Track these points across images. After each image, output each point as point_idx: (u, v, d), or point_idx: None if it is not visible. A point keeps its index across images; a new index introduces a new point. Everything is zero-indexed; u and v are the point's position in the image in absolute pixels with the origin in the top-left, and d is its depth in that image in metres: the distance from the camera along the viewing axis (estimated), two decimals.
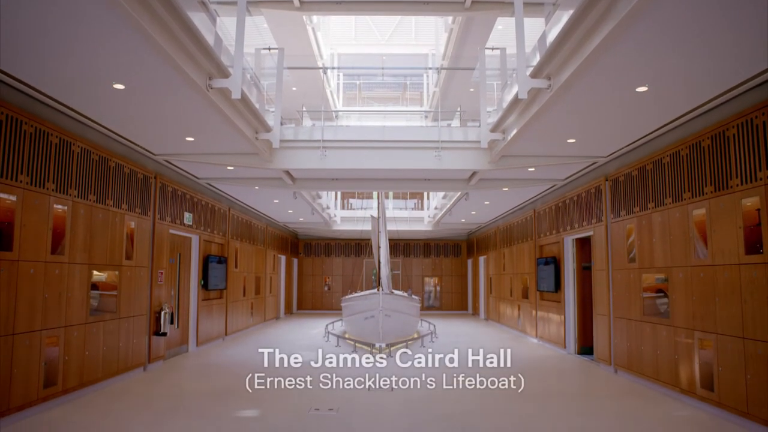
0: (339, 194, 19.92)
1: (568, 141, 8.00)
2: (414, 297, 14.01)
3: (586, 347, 10.63)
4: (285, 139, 9.32)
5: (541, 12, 8.00)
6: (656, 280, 7.43)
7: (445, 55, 13.36)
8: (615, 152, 8.52)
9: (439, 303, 23.17)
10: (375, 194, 17.53)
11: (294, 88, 14.62)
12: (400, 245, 22.91)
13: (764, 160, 5.41)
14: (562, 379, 8.63)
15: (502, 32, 11.43)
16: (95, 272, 7.26)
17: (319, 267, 23.42)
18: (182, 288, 10.85)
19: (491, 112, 9.04)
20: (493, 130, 8.52)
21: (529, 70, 6.32)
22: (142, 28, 4.49)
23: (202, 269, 11.55)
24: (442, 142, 9.46)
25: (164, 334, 9.19)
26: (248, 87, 7.76)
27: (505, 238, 16.28)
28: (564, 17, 5.50)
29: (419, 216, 20.55)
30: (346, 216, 20.32)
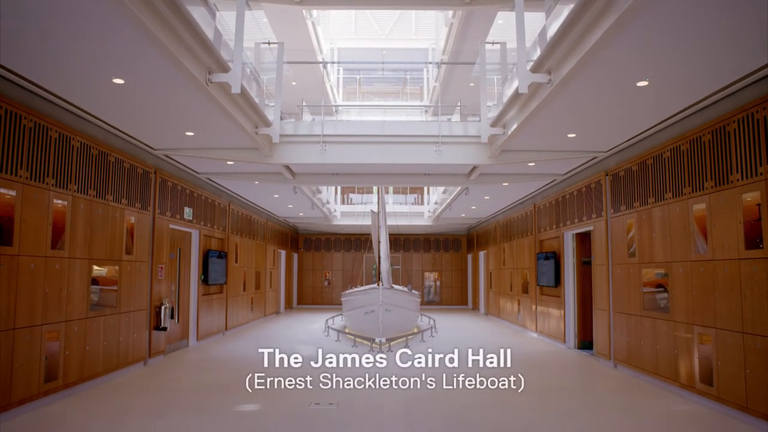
0: (339, 189, 19.91)
1: (569, 136, 7.99)
2: (414, 292, 14.03)
3: (585, 342, 10.66)
4: (285, 134, 9.31)
5: (541, 6, 7.95)
6: (656, 275, 7.44)
7: (446, 49, 13.32)
8: (615, 147, 8.51)
9: (439, 298, 23.20)
10: (375, 189, 17.51)
11: (294, 83, 14.60)
12: (400, 240, 22.92)
13: (765, 155, 5.40)
14: (562, 374, 8.65)
15: (502, 27, 11.41)
16: (95, 267, 7.27)
17: (319, 262, 23.44)
18: (182, 283, 10.86)
19: (491, 107, 9.02)
20: (493, 125, 8.51)
21: (530, 65, 6.30)
22: (141, 23, 4.47)
23: (202, 264, 11.57)
24: (442, 136, 9.44)
25: (164, 329, 9.21)
26: (248, 81, 7.74)
27: (505, 233, 16.28)
28: (564, 11, 5.48)
29: (419, 211, 20.53)
30: (346, 211, 20.31)
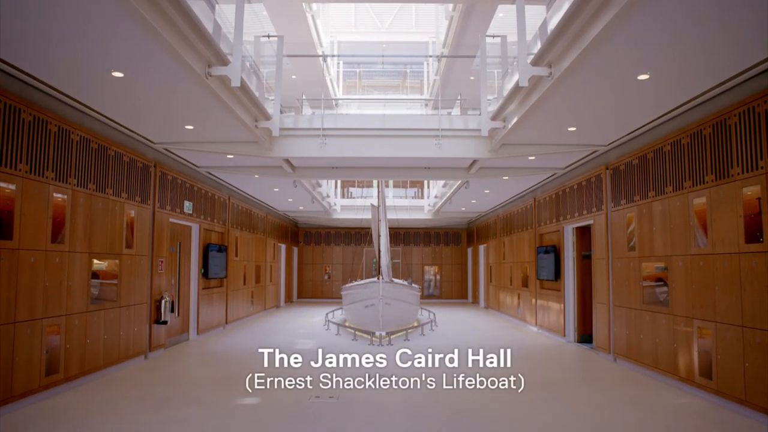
0: (339, 183, 19.91)
1: (569, 129, 7.97)
2: (414, 285, 14.05)
3: (585, 335, 10.69)
4: (285, 128, 9.29)
5: None
6: (656, 269, 7.45)
7: (446, 42, 13.29)
8: (615, 141, 8.50)
9: (439, 292, 23.24)
10: (375, 183, 17.51)
11: (294, 76, 14.57)
12: (400, 234, 22.93)
13: (765, 148, 5.39)
14: (562, 368, 8.68)
15: (502, 20, 11.37)
16: (95, 261, 7.27)
17: (319, 256, 23.47)
18: (182, 276, 10.87)
19: (492, 101, 9.00)
20: (493, 119, 8.49)
21: (530, 58, 6.28)
22: (140, 15, 4.45)
23: (202, 258, 11.57)
24: (443, 130, 9.43)
25: (165, 323, 9.23)
26: (248, 75, 7.72)
27: (505, 226, 16.29)
28: (565, 5, 5.45)
29: (419, 205, 20.54)
30: (346, 205, 20.32)
